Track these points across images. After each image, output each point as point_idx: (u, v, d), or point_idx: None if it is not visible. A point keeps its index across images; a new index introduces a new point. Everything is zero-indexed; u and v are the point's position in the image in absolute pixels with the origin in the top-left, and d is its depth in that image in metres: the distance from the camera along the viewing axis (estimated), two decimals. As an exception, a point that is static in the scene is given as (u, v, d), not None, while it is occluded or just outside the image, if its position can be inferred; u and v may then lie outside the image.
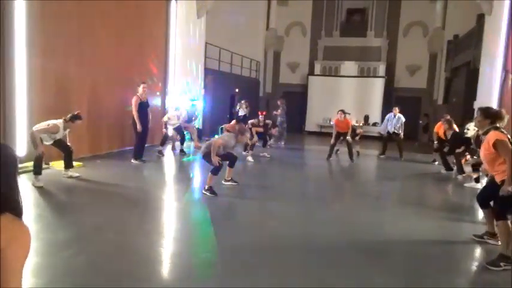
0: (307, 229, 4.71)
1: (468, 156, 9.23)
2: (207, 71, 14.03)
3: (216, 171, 5.88)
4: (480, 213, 5.18)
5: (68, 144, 6.50)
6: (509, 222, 3.75)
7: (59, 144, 6.42)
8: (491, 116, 3.94)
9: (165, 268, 3.52)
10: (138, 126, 7.78)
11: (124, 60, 9.41)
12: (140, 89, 7.93)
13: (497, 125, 3.90)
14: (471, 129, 7.66)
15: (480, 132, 4.12)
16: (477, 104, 10.80)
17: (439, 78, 18.08)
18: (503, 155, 3.73)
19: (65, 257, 3.50)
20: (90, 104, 8.29)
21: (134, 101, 7.78)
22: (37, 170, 5.88)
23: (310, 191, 7.24)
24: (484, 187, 4.29)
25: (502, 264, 3.62)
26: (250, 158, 9.55)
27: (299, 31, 20.56)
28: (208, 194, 5.84)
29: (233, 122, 10.23)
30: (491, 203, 4.07)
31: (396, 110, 11.30)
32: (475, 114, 10.38)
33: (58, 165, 7.22)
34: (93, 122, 8.40)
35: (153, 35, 10.72)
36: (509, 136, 3.81)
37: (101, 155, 8.36)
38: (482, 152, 3.99)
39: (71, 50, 7.81)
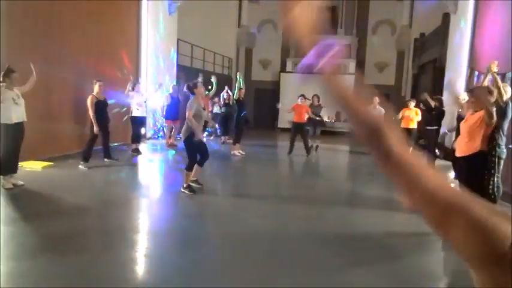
0: (282, 226, 4.77)
1: (436, 149, 9.58)
2: (180, 67, 13.88)
3: (190, 167, 5.73)
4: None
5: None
6: None
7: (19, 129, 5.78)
8: (491, 92, 4.27)
9: (144, 269, 3.48)
10: (95, 129, 7.28)
11: (94, 57, 9.18)
12: (96, 88, 7.55)
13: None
14: None
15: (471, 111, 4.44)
16: (444, 100, 11.20)
17: (406, 75, 18.61)
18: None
19: (43, 261, 3.40)
20: (59, 101, 8.05)
21: (90, 101, 7.38)
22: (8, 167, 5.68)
23: (284, 189, 7.29)
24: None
25: None
26: (236, 152, 9.57)
27: (271, 28, 20.60)
28: (187, 192, 5.73)
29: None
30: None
31: (376, 100, 11.30)
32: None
33: (33, 164, 6.98)
34: (64, 120, 8.16)
35: (124, 31, 10.51)
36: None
37: (72, 154, 8.12)
38: (465, 129, 4.36)
39: (37, 47, 7.54)
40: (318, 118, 10.91)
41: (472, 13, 9.22)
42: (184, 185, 5.81)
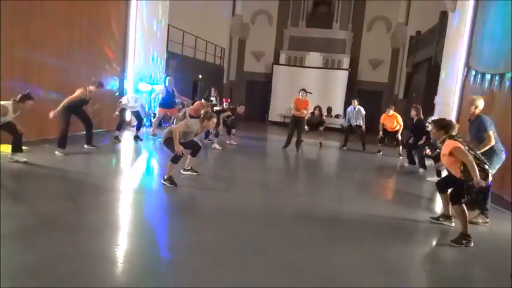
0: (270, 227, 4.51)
1: (428, 150, 9.35)
2: (170, 54, 13.47)
3: (176, 159, 5.47)
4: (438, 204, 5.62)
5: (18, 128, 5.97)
6: (463, 205, 4.17)
7: (8, 127, 5.91)
8: (444, 127, 4.35)
9: (122, 268, 3.16)
10: (54, 112, 6.84)
11: (78, 41, 8.77)
12: (93, 88, 7.30)
13: (452, 133, 4.28)
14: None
15: (438, 142, 4.49)
16: (438, 99, 11.03)
17: (400, 73, 18.44)
18: (463, 160, 4.07)
19: (7, 255, 3.06)
20: (38, 86, 7.63)
21: (78, 94, 7.05)
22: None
23: (273, 181, 7.00)
24: (445, 176, 4.82)
25: (463, 241, 4.10)
26: (217, 146, 9.24)
27: (265, 19, 20.25)
28: (167, 184, 5.46)
29: (196, 103, 9.83)
30: (449, 190, 4.49)
31: (355, 102, 11.33)
32: (435, 109, 10.69)
33: (5, 148, 6.58)
34: (42, 104, 7.75)
35: (111, 14, 10.05)
36: (462, 140, 4.23)
37: (50, 139, 7.72)
38: (442, 158, 4.38)
39: (17, 30, 7.14)
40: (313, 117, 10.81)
41: (472, 12, 8.98)
42: (165, 176, 5.52)
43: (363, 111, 11.25)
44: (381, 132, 10.22)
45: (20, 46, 7.31)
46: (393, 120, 10.49)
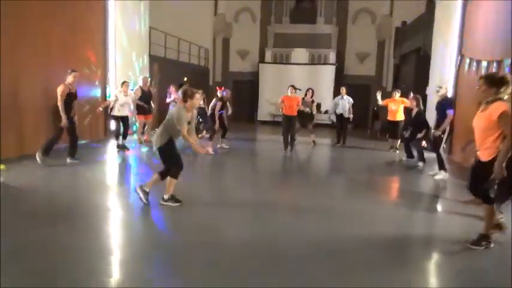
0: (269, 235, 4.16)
1: (424, 142, 9.12)
2: (153, 58, 13.02)
3: (176, 173, 4.75)
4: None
5: None
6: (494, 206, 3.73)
7: None
8: (496, 84, 3.54)
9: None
10: (64, 121, 6.61)
11: (54, 45, 8.29)
12: (70, 78, 6.81)
13: (502, 95, 3.54)
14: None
15: (483, 103, 3.68)
16: (430, 90, 10.81)
17: (387, 65, 18.26)
18: (504, 130, 3.43)
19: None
20: (11, 95, 7.15)
21: (61, 91, 6.63)
22: None
23: (269, 190, 6.63)
24: (472, 173, 3.83)
25: (483, 243, 3.75)
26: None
27: (248, 17, 19.89)
28: (171, 204, 4.75)
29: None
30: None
31: (343, 90, 11.02)
32: (428, 99, 10.45)
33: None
34: (18, 117, 7.30)
35: (87, 17, 9.58)
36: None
37: (29, 154, 7.26)
38: (479, 123, 3.66)
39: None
40: (307, 111, 10.27)
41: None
42: (165, 196, 4.80)
43: (351, 101, 10.93)
44: (375, 107, 9.61)
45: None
46: (399, 105, 9.81)
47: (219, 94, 9.97)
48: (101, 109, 8.90)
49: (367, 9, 18.94)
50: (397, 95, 10.01)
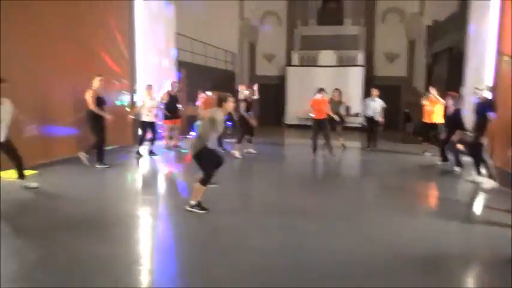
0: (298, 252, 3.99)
1: (460, 145, 8.71)
2: (180, 63, 13.10)
3: (206, 180, 4.66)
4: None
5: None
6: None
7: (6, 148, 5.46)
8: None
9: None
10: (108, 116, 6.97)
11: (81, 53, 8.41)
12: (96, 83, 6.94)
13: None
14: None
15: None
16: (466, 90, 10.35)
17: (418, 65, 17.72)
18: None
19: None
20: (43, 104, 7.31)
21: (91, 96, 6.81)
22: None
23: (298, 199, 6.45)
24: None
25: None
26: (237, 154, 8.77)
27: (274, 20, 19.81)
28: (196, 210, 4.67)
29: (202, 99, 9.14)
30: None
31: (374, 91, 10.58)
32: (463, 99, 9.98)
33: (9, 175, 6.26)
34: (49, 123, 7.45)
35: (115, 27, 9.71)
36: None
37: (60, 160, 7.38)
38: None
39: (13, 42, 6.80)
40: (336, 115, 10.00)
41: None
42: (192, 202, 4.72)
43: (382, 104, 10.46)
44: (406, 111, 9.16)
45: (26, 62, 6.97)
46: (434, 105, 9.06)
47: (244, 93, 9.78)
48: (132, 117, 8.98)
49: (396, 8, 18.49)
50: (431, 93, 9.16)
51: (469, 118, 7.59)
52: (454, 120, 7.69)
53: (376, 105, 10.41)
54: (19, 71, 6.85)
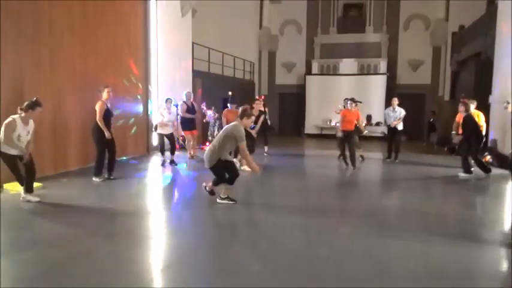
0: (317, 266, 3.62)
1: (488, 156, 8.17)
2: (196, 73, 12.96)
3: (232, 180, 5.29)
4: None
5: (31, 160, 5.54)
6: None
7: (28, 161, 5.47)
8: None
9: None
10: (107, 134, 6.73)
11: (95, 64, 8.34)
12: (105, 94, 6.81)
13: None
14: None
15: None
16: (494, 98, 9.77)
17: (444, 73, 17.07)
18: None
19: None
20: (53, 114, 7.22)
21: (99, 106, 6.68)
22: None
23: (315, 212, 6.07)
24: None
25: None
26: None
27: (294, 29, 19.56)
28: (226, 202, 5.28)
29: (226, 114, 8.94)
30: None
31: (395, 101, 10.03)
32: (491, 108, 9.38)
33: (12, 187, 6.15)
34: (59, 134, 7.34)
35: (129, 36, 9.64)
36: None
37: (69, 172, 7.26)
38: None
39: (27, 53, 6.76)
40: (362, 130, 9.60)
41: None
42: (222, 195, 5.32)
43: (403, 112, 9.92)
44: (453, 132, 8.40)
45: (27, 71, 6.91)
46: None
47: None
48: (154, 131, 8.94)
49: (420, 15, 17.93)
50: (471, 106, 8.01)
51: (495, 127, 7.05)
52: (466, 126, 7.27)
53: (397, 115, 9.91)
54: (28, 80, 6.80)
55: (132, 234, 4.36)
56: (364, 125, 10.18)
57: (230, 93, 14.87)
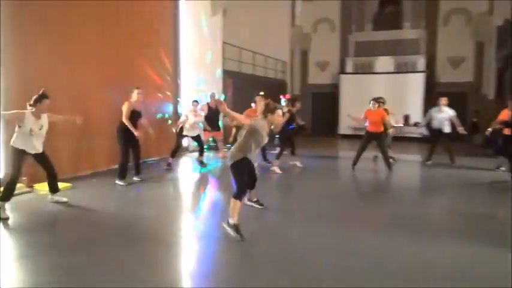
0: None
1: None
2: (226, 73, 12.81)
3: (240, 194, 4.22)
4: None
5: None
6: None
7: (41, 160, 5.34)
8: None
9: None
10: (137, 133, 6.55)
11: (123, 65, 8.29)
12: (134, 96, 6.71)
13: None
14: None
15: None
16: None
17: (488, 70, 16.10)
18: None
19: None
20: (82, 114, 7.18)
21: (126, 108, 6.57)
22: (5, 195, 4.84)
23: (336, 224, 5.71)
24: None
25: None
26: (277, 169, 8.12)
27: (327, 27, 19.10)
28: (231, 232, 4.13)
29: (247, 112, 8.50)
30: None
31: (443, 100, 9.28)
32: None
33: (43, 187, 6.16)
34: (89, 134, 7.33)
35: (159, 36, 9.57)
36: None
37: (99, 172, 7.24)
38: None
39: (55, 53, 6.78)
40: (391, 131, 9.08)
41: None
42: (231, 221, 4.17)
43: (451, 113, 9.19)
44: (489, 129, 8.04)
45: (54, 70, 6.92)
46: None
47: (283, 103, 9.29)
48: (175, 130, 8.71)
49: (461, 9, 17.02)
50: None
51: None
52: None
53: (445, 116, 9.23)
54: (58, 80, 6.82)
55: (154, 240, 4.19)
56: (400, 124, 9.65)
57: (262, 93, 14.63)
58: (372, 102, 8.47)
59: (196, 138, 8.67)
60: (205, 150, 9.04)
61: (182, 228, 4.88)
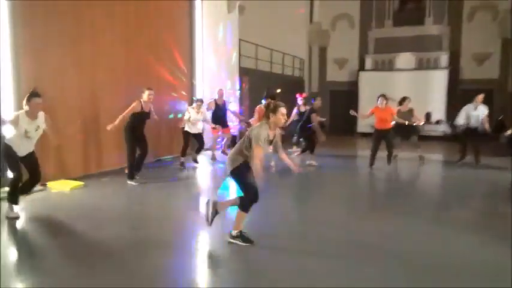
0: None
1: None
2: (243, 70, 12.64)
3: (246, 206, 3.91)
4: None
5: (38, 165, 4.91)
6: None
7: (29, 159, 4.82)
8: None
9: None
10: (116, 122, 6.26)
11: (137, 63, 8.23)
12: (145, 96, 6.58)
13: None
14: None
15: None
16: None
17: (515, 66, 15.50)
18: None
19: None
20: (94, 114, 7.18)
21: (132, 106, 6.43)
22: (11, 198, 4.74)
23: (358, 226, 5.44)
24: None
25: None
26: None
27: (346, 24, 18.71)
28: (239, 242, 3.93)
29: (257, 110, 8.14)
30: None
31: (479, 97, 8.83)
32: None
33: (56, 186, 6.13)
34: (102, 133, 7.27)
35: (174, 34, 9.47)
36: None
37: (111, 171, 7.19)
38: None
39: (67, 52, 6.74)
40: (407, 123, 8.76)
41: None
42: (234, 232, 3.98)
43: (484, 110, 8.82)
44: (500, 118, 7.77)
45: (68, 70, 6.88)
46: None
47: (300, 102, 9.11)
48: (182, 127, 8.54)
49: (486, 4, 16.40)
50: None
51: None
52: None
53: (479, 114, 8.81)
54: (70, 80, 6.80)
55: (160, 241, 4.06)
56: (422, 123, 9.36)
57: (279, 90, 14.44)
58: (379, 98, 8.27)
59: (197, 137, 8.42)
60: (203, 150, 8.79)
61: (186, 229, 4.73)
